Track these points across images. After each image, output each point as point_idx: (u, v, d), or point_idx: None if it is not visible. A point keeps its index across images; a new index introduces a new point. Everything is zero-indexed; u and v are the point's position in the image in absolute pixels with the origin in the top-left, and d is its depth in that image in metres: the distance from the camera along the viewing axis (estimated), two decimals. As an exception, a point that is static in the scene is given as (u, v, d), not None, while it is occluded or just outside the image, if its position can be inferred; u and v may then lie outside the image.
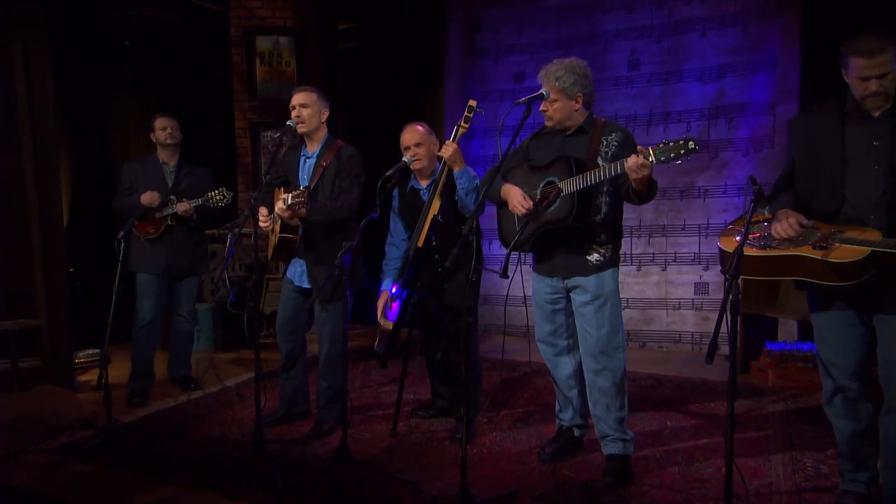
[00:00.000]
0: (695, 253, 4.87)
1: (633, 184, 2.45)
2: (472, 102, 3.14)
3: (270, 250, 3.35)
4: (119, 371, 4.12)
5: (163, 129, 3.97)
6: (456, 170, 3.07)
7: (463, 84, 5.82)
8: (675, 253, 4.93)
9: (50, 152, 3.98)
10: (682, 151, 2.31)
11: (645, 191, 2.47)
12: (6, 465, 2.99)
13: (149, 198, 3.87)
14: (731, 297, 1.77)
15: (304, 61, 5.66)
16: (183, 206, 3.88)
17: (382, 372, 4.31)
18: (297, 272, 3.34)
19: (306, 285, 3.30)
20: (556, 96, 2.65)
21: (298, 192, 2.93)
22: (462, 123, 3.14)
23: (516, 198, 2.67)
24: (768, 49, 4.63)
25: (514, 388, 4.02)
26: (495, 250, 5.19)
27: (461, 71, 5.79)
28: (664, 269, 4.97)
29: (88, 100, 6.14)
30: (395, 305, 3.16)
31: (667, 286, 4.96)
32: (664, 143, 2.33)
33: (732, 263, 1.86)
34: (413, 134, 3.21)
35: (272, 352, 4.94)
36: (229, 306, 3.03)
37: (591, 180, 2.51)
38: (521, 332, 5.87)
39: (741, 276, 2.01)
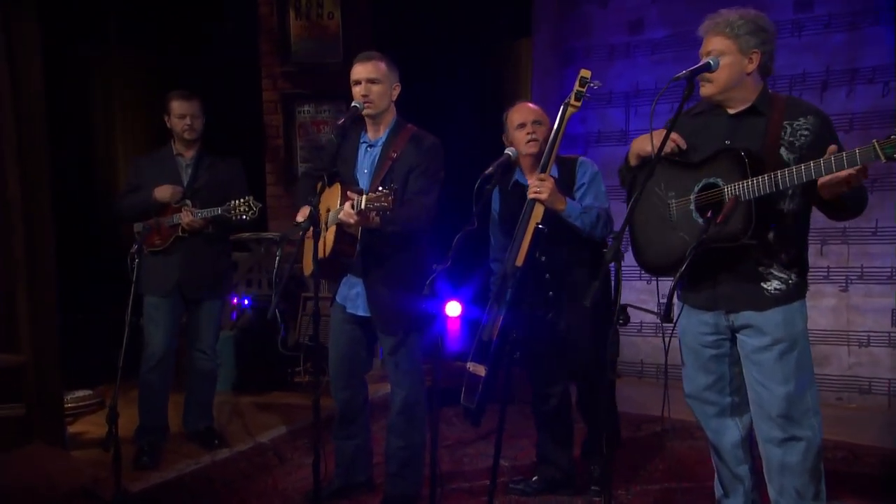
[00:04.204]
0: (892, 268, 4.69)
1: (822, 194, 2.38)
2: (586, 73, 3.13)
3: (309, 264, 3.35)
4: (122, 419, 4.22)
5: (180, 118, 4.03)
6: (560, 209, 3.10)
7: (558, 35, 5.75)
8: (862, 267, 4.76)
9: (37, 141, 4.09)
10: None
11: (850, 206, 2.44)
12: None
13: (168, 192, 3.95)
14: None
15: (352, 12, 5.69)
16: (186, 217, 3.92)
17: (461, 422, 4.32)
18: (351, 295, 3.36)
19: (362, 312, 3.33)
20: (724, 48, 2.56)
21: (379, 193, 2.88)
22: (572, 101, 3.13)
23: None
24: None
25: (643, 454, 3.97)
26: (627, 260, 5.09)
27: (556, 17, 5.72)
28: (845, 290, 4.80)
29: (60, 60, 6.19)
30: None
31: (849, 313, 4.79)
32: None
33: None
34: (530, 110, 3.32)
35: (303, 395, 5.01)
36: (280, 345, 3.07)
37: (774, 185, 2.43)
38: (650, 372, 5.85)
39: None
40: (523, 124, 3.30)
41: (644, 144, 2.71)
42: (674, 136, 2.61)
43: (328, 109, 5.75)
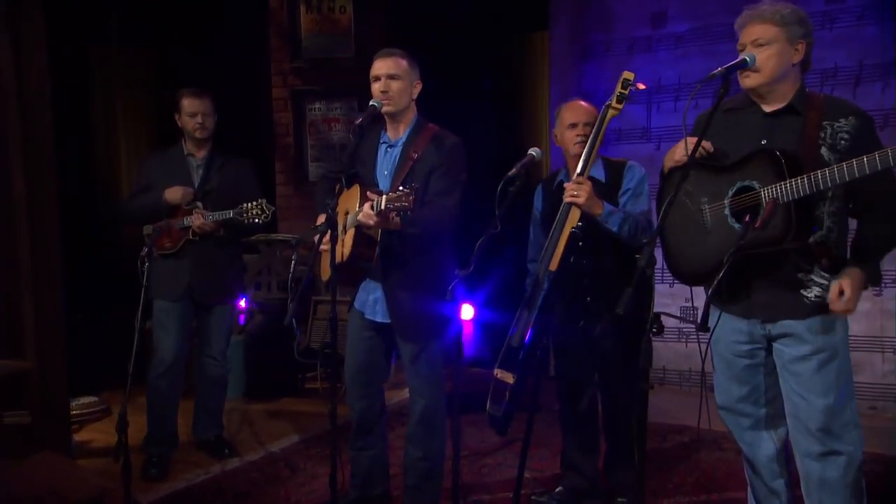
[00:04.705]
0: (928, 271, 4.65)
1: None
2: (629, 75, 3.11)
3: (326, 269, 3.34)
4: (130, 427, 4.20)
5: (191, 117, 4.03)
6: (597, 213, 3.12)
7: (576, 29, 5.73)
8: (897, 270, 4.73)
9: (43, 138, 4.08)
10: None
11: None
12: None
13: (178, 194, 3.95)
14: None
15: (364, 5, 5.69)
16: (197, 220, 3.93)
17: (480, 430, 4.31)
18: (370, 301, 3.34)
19: (381, 318, 3.31)
20: (773, 35, 2.52)
21: (399, 193, 2.86)
22: (614, 104, 3.12)
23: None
24: None
25: (670, 466, 3.94)
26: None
27: (574, 10, 5.71)
28: (878, 294, 4.76)
29: (60, 59, 6.15)
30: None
31: (883, 318, 4.76)
32: None
33: None
34: (583, 110, 3.32)
35: (315, 402, 4.98)
36: (297, 353, 3.05)
37: (813, 186, 2.39)
38: (673, 379, 5.82)
39: None
40: (575, 124, 3.30)
41: (674, 154, 2.71)
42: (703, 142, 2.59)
43: (340, 107, 5.75)
